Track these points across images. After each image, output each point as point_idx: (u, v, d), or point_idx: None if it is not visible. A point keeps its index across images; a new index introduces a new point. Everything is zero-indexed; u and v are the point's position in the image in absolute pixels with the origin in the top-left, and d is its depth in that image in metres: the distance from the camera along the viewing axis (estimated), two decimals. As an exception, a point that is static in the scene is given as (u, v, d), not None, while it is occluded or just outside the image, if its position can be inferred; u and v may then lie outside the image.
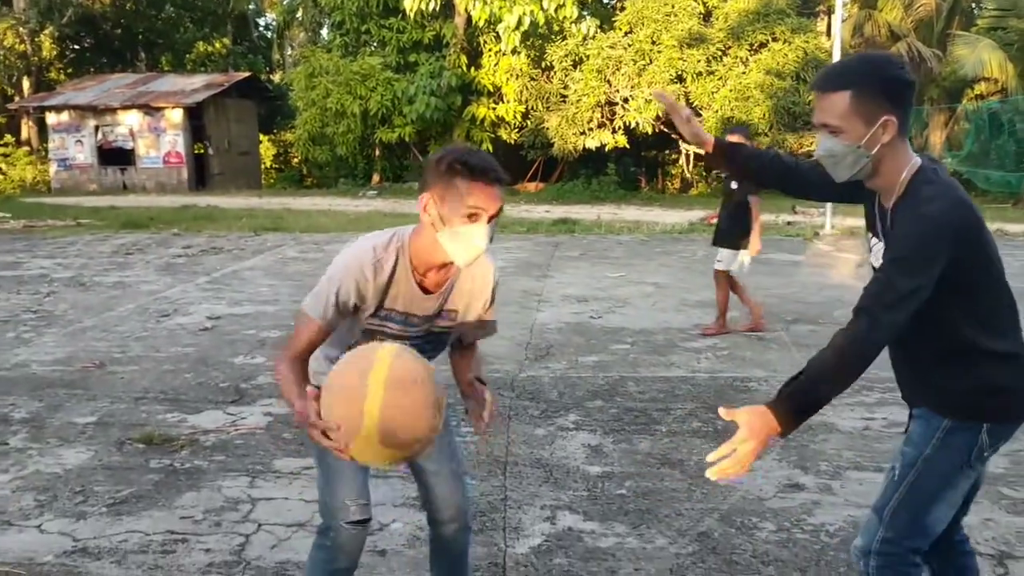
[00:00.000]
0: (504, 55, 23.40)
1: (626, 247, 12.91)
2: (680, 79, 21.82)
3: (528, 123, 24.27)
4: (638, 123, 21.95)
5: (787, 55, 21.48)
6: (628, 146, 23.18)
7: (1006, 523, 3.48)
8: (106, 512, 3.61)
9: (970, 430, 2.05)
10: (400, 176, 26.59)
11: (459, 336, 2.43)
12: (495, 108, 24.31)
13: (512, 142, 24.86)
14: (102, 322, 7.47)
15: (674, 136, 23.46)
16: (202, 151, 28.86)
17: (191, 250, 12.47)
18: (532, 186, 25.86)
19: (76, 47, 35.96)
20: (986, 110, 21.85)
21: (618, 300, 8.46)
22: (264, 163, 34.64)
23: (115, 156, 27.81)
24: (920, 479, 2.08)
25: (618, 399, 5.20)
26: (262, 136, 33.83)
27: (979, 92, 23.74)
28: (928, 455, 2.07)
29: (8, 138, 29.91)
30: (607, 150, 23.11)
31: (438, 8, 23.03)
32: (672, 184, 28.65)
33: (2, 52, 30.81)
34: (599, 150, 23.06)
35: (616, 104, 22.41)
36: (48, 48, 33.10)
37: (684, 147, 23.57)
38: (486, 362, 5.86)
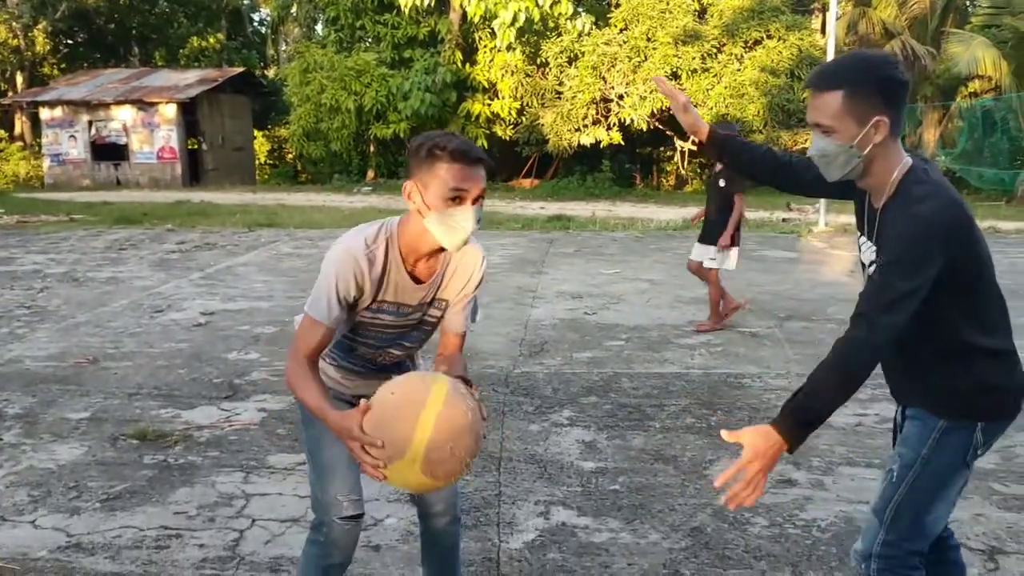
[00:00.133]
0: (499, 51, 23.39)
1: (621, 244, 12.92)
2: (675, 76, 21.82)
3: (523, 120, 24.26)
4: (633, 120, 21.96)
5: (781, 52, 21.52)
6: (623, 143, 23.20)
7: (996, 518, 3.51)
8: (100, 508, 3.61)
9: (965, 429, 2.06)
10: (395, 172, 26.53)
11: (445, 327, 2.41)
12: (490, 104, 24.29)
13: (507, 138, 24.85)
14: (95, 318, 7.45)
15: (669, 133, 23.53)
16: (196, 147, 28.75)
17: (185, 246, 12.45)
18: (527, 183, 25.87)
19: (69, 42, 35.86)
20: (980, 108, 21.92)
21: (612, 297, 8.48)
22: (258, 159, 34.59)
23: (108, 151, 27.68)
24: (919, 480, 2.08)
25: (612, 395, 5.21)
26: (256, 132, 33.77)
27: (973, 90, 23.81)
28: (925, 456, 2.07)
29: (1, 133, 29.85)
30: (602, 147, 23.14)
31: (433, 4, 23.02)
32: (667, 181, 28.66)
33: (-5, 47, 30.80)
34: (594, 147, 23.08)
35: (611, 101, 22.42)
36: (41, 43, 33.03)
37: (679, 144, 23.58)
38: (481, 358, 5.88)
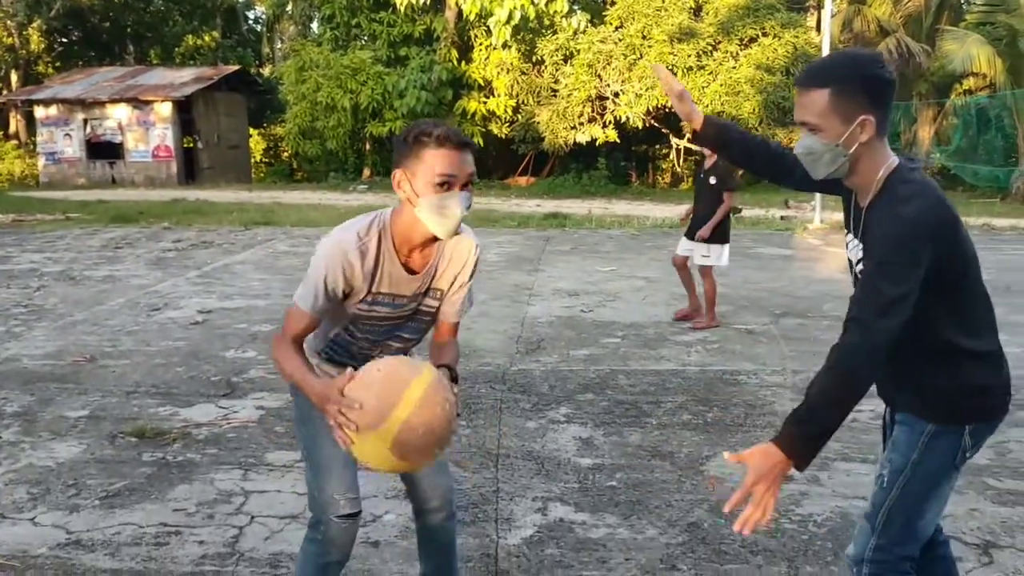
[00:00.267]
0: (495, 49, 23.40)
1: (617, 241, 12.94)
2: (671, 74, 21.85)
3: (519, 117, 24.27)
4: (629, 118, 21.99)
5: (777, 50, 21.55)
6: (619, 141, 23.23)
7: (991, 513, 3.53)
8: (99, 505, 3.62)
9: (954, 433, 2.05)
10: (390, 170, 26.40)
11: (440, 317, 2.41)
12: (486, 102, 24.30)
13: (503, 136, 24.86)
14: (92, 316, 7.45)
15: (665, 131, 23.55)
16: (191, 145, 28.72)
17: (181, 244, 12.44)
18: (523, 180, 25.88)
19: (64, 40, 35.79)
20: (974, 105, 21.99)
21: (609, 294, 8.50)
22: (254, 157, 34.55)
23: (104, 150, 27.64)
24: (909, 485, 2.08)
25: (609, 392, 5.23)
26: (252, 130, 33.73)
27: (967, 87, 23.89)
28: (915, 460, 2.07)
29: (-4, 132, 29.82)
30: (598, 144, 23.16)
31: (429, 2, 23.01)
32: (662, 178, 28.72)
33: (-11, 46, 30.72)
34: (590, 144, 23.11)
35: (607, 99, 22.44)
36: (36, 41, 32.97)
37: (675, 142, 23.62)
38: (478, 356, 5.90)
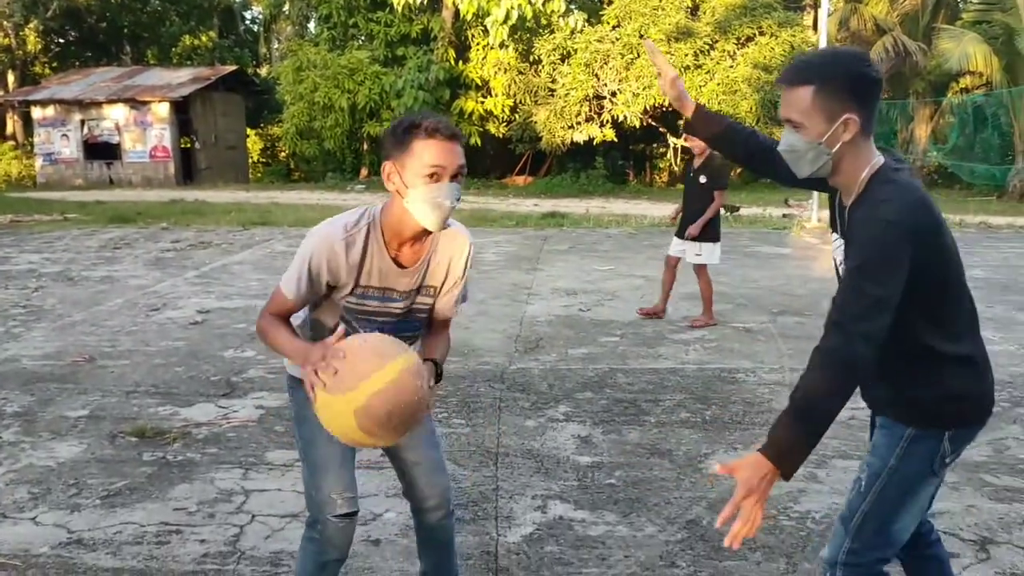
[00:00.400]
0: (492, 49, 23.41)
1: (614, 240, 12.96)
2: (668, 73, 21.88)
3: (516, 117, 24.29)
4: (626, 117, 22.01)
5: (774, 49, 21.60)
6: (616, 140, 23.26)
7: (988, 509, 3.55)
8: (100, 504, 3.63)
9: (933, 438, 2.01)
10: (386, 167, 26.55)
11: (434, 314, 2.42)
12: (483, 102, 24.31)
13: (500, 136, 24.89)
14: (91, 316, 7.46)
15: (662, 130, 23.57)
16: (189, 145, 28.71)
17: (179, 244, 12.45)
18: (521, 180, 25.91)
19: (61, 41, 35.75)
20: (971, 104, 22.04)
21: (607, 293, 8.52)
22: (251, 157, 34.52)
23: (101, 150, 27.63)
24: (885, 489, 2.05)
25: (607, 390, 5.25)
26: (249, 130, 33.71)
27: (964, 86, 23.94)
28: (893, 465, 2.04)
29: (-7, 132, 29.79)
30: (595, 144, 23.19)
31: (426, 2, 23.02)
32: (660, 177, 28.76)
33: (-14, 46, 30.68)
34: (587, 144, 23.14)
35: (604, 98, 22.47)
36: (33, 42, 32.93)
37: (672, 141, 23.64)
38: (477, 355, 5.91)
